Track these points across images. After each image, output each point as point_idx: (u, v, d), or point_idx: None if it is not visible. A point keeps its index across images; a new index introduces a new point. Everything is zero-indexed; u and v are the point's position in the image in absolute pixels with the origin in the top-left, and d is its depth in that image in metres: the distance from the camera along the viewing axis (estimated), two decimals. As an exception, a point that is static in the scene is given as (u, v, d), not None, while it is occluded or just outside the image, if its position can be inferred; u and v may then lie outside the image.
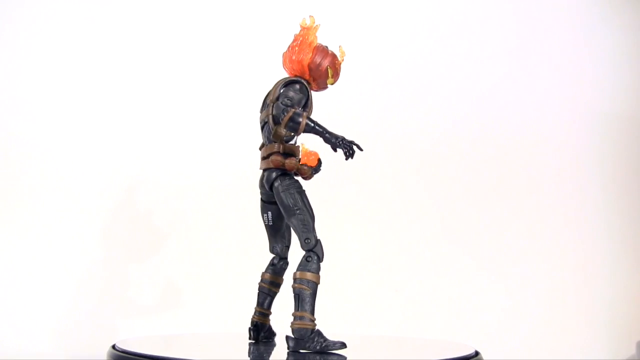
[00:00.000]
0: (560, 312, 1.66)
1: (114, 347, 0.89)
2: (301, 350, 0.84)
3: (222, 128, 1.51)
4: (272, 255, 0.98)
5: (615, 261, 1.73)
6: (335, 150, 0.87)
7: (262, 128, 0.95)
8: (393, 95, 1.64)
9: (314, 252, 0.87)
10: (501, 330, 1.60)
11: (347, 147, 0.86)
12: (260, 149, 0.96)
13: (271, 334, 0.99)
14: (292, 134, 0.90)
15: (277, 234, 0.96)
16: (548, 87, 1.76)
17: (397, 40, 1.66)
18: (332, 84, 0.97)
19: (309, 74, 0.95)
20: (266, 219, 0.96)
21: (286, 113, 0.87)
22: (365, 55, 1.59)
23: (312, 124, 0.87)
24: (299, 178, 0.93)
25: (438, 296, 1.59)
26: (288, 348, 0.85)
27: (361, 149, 0.87)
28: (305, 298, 0.85)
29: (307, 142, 0.94)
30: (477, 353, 0.88)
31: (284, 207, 0.89)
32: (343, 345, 0.85)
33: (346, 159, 0.87)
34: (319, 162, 0.94)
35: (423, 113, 1.65)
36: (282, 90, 0.92)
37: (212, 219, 1.48)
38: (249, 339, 0.97)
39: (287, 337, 0.85)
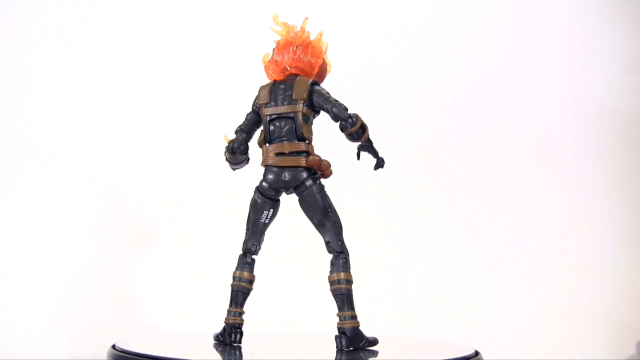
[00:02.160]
0: (560, 312, 1.66)
1: (114, 347, 0.89)
2: (351, 348, 0.87)
3: (205, 133, 1.51)
4: (241, 254, 0.95)
5: (616, 261, 1.73)
6: (358, 158, 0.95)
7: (270, 122, 0.93)
8: (391, 92, 1.64)
9: (345, 253, 0.91)
10: (501, 330, 1.60)
11: (383, 161, 0.95)
12: (260, 144, 0.95)
13: None
14: (352, 140, 0.93)
15: (263, 232, 0.95)
16: (550, 83, 1.75)
17: (397, 35, 1.66)
18: None
19: (315, 77, 0.96)
20: (266, 216, 0.94)
21: (355, 119, 0.91)
22: (369, 46, 1.60)
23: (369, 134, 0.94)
24: None
25: (438, 296, 1.59)
26: (338, 347, 0.87)
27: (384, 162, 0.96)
28: (349, 298, 0.89)
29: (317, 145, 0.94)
30: (477, 353, 0.89)
31: (320, 208, 0.91)
32: (377, 340, 0.91)
33: (375, 169, 0.95)
34: None
35: (423, 116, 1.65)
36: (318, 93, 0.93)
37: (210, 217, 1.48)
38: (234, 342, 0.92)
39: (337, 337, 0.88)
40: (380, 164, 0.95)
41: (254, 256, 0.95)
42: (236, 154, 0.97)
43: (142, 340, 1.04)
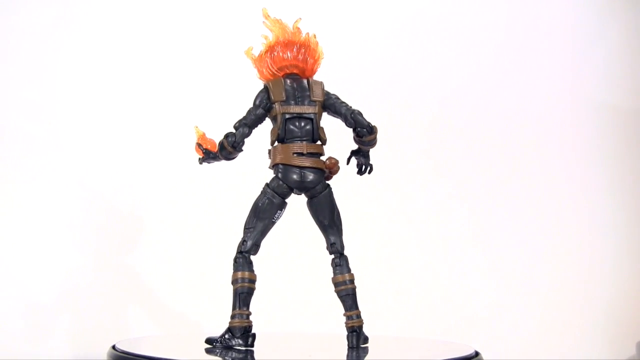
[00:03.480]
0: (560, 312, 1.66)
1: (114, 347, 0.89)
2: (360, 346, 0.90)
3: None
4: (238, 254, 0.93)
5: (616, 261, 1.73)
6: (348, 163, 0.96)
7: (287, 121, 0.91)
8: (390, 92, 1.64)
9: (345, 254, 0.93)
10: (501, 330, 1.60)
11: (372, 168, 0.96)
12: (273, 142, 0.93)
13: None
14: (360, 145, 0.94)
15: (268, 232, 0.94)
16: (550, 80, 1.75)
17: (394, 34, 1.66)
18: None
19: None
20: (279, 215, 0.93)
21: (372, 127, 0.92)
22: (367, 43, 1.60)
23: None
24: None
25: (438, 296, 1.59)
26: (350, 345, 0.89)
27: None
28: (355, 297, 0.91)
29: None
30: (477, 353, 0.89)
31: (331, 210, 0.92)
32: (368, 337, 0.93)
33: (361, 175, 0.97)
34: None
35: (422, 116, 1.65)
36: (331, 97, 0.94)
37: (210, 217, 1.48)
38: (247, 345, 0.90)
39: (349, 335, 0.90)
40: (368, 170, 0.96)
41: (252, 257, 0.93)
42: (236, 149, 0.93)
43: (142, 341, 1.04)
